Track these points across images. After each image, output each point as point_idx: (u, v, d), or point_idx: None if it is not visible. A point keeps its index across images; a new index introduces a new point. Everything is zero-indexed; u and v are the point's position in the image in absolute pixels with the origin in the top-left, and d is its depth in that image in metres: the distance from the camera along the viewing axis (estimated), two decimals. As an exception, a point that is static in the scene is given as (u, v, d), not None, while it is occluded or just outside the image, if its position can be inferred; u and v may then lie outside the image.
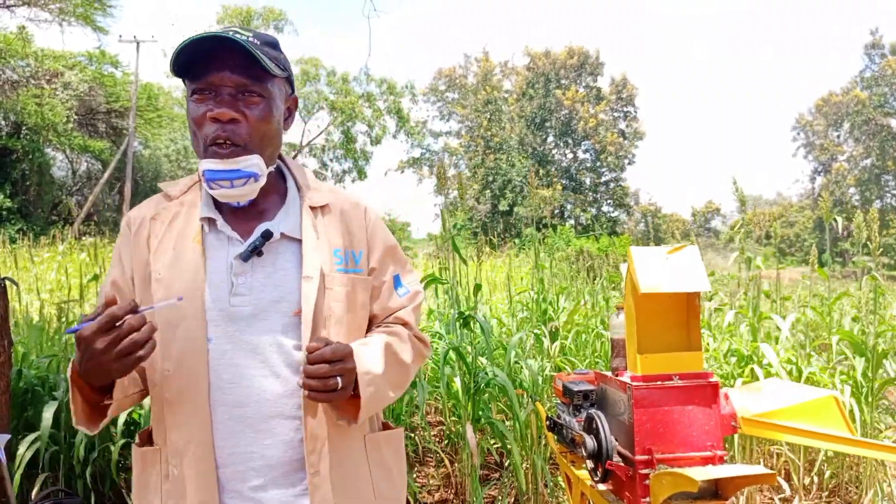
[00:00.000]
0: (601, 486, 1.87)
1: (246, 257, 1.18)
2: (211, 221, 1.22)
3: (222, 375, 1.15)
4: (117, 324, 0.98)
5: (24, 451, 2.69)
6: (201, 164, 1.17)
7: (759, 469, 1.48)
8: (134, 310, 0.99)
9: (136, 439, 1.27)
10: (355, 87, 29.83)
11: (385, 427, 1.38)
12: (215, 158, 1.15)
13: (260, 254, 1.18)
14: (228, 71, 1.14)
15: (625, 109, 40.02)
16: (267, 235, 1.19)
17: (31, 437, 2.75)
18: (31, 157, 21.78)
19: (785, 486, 3.26)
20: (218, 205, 1.24)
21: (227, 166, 1.15)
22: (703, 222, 48.01)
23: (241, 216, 1.24)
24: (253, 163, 1.17)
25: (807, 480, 3.36)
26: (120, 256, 1.25)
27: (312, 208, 1.27)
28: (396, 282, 1.37)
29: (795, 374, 3.23)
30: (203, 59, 1.14)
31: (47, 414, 2.75)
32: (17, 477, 2.62)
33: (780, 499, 3.29)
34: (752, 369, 3.14)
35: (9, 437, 2.40)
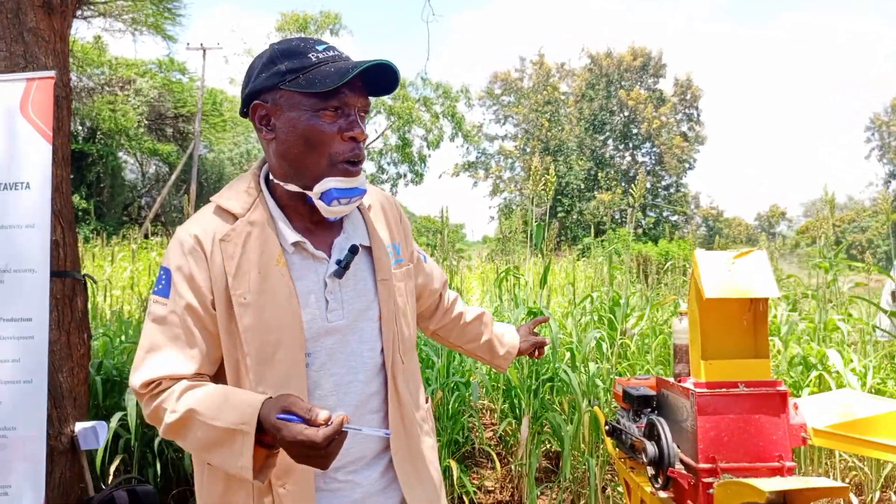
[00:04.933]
0: (662, 494, 1.85)
1: (339, 275, 1.22)
2: (297, 244, 1.22)
3: (322, 385, 1.21)
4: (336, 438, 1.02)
5: (108, 436, 2.83)
6: (326, 182, 1.17)
7: (832, 482, 1.44)
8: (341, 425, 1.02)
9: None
10: (411, 92, 30.13)
11: None
12: (345, 177, 1.18)
13: (347, 268, 1.23)
14: (359, 92, 1.19)
15: (687, 111, 39.08)
16: (354, 251, 1.24)
17: (113, 422, 2.89)
18: (104, 160, 22.82)
19: (855, 501, 3.12)
20: (290, 221, 1.24)
21: (353, 184, 1.19)
22: (768, 227, 46.36)
23: (317, 232, 1.26)
24: (364, 180, 1.23)
25: (878, 496, 3.21)
26: (191, 277, 1.18)
27: (366, 210, 1.35)
28: (422, 255, 1.55)
29: (862, 384, 3.11)
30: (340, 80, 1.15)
31: (130, 403, 2.88)
32: (98, 462, 2.76)
33: (850, 515, 3.16)
34: (820, 376, 3.03)
35: (105, 424, 2.55)
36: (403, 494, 1.28)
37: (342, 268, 1.22)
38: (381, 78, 1.20)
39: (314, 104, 1.16)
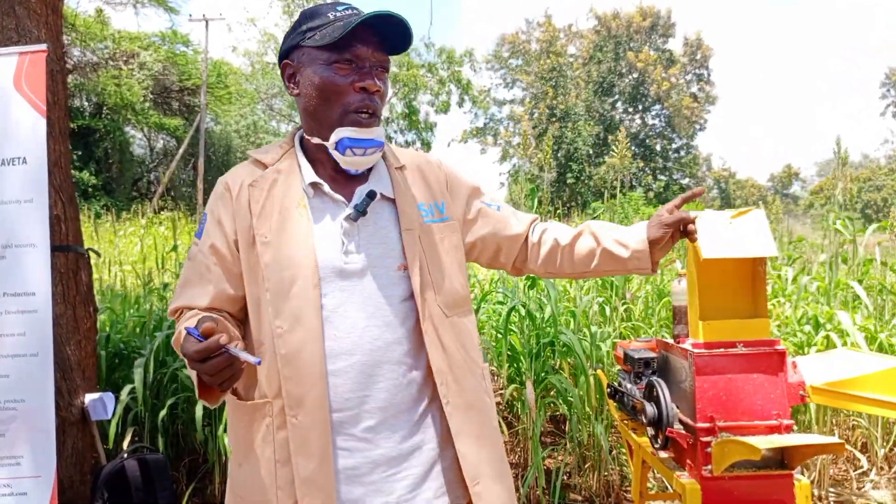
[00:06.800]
0: (662, 454, 1.86)
1: (355, 217, 1.26)
2: (315, 186, 1.29)
3: (338, 326, 1.23)
4: (212, 355, 1.04)
5: (119, 408, 2.88)
6: (338, 131, 1.25)
7: (827, 438, 1.44)
8: (222, 347, 1.04)
9: (232, 395, 1.31)
10: (414, 58, 29.72)
11: None
12: (356, 126, 1.25)
13: (365, 213, 1.27)
14: (373, 47, 1.25)
15: (697, 72, 38.39)
16: (371, 195, 1.27)
17: (123, 395, 2.94)
18: (112, 135, 22.83)
19: (862, 458, 3.14)
20: (317, 171, 1.32)
21: (365, 135, 1.26)
22: (781, 187, 45.86)
23: (340, 181, 1.32)
24: (382, 133, 1.30)
25: (885, 453, 3.23)
26: (219, 220, 1.29)
27: (395, 168, 1.38)
28: (492, 206, 1.49)
29: (870, 341, 3.10)
30: (349, 34, 1.22)
31: (138, 375, 2.93)
32: (111, 434, 2.81)
33: (857, 472, 3.18)
34: (827, 336, 3.02)
35: (112, 395, 2.60)
36: (457, 448, 1.26)
37: (359, 211, 1.26)
38: (395, 34, 1.26)
39: (328, 58, 1.25)
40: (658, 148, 37.41)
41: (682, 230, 1.38)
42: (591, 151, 34.08)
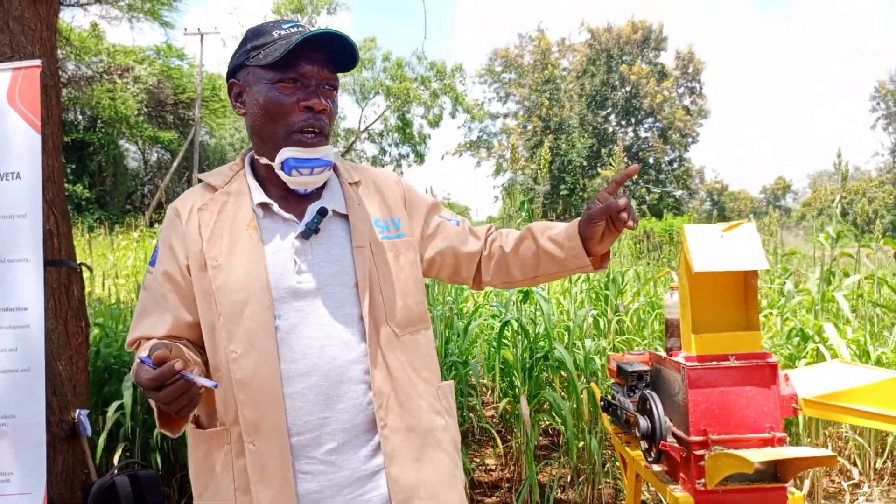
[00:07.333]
0: (655, 467, 1.86)
1: (307, 235, 1.24)
2: (265, 206, 1.27)
3: (293, 348, 1.20)
4: (167, 382, 1.02)
5: (108, 423, 2.86)
6: (283, 152, 1.22)
7: (819, 451, 1.44)
8: (177, 373, 1.02)
9: (192, 424, 1.28)
10: (407, 72, 29.92)
11: None
12: (299, 147, 1.23)
13: (317, 231, 1.24)
14: (319, 65, 1.24)
15: (689, 85, 38.71)
16: (323, 213, 1.25)
17: (110, 411, 2.92)
18: (106, 149, 22.84)
19: (854, 471, 3.14)
20: (267, 191, 1.29)
21: (310, 154, 1.23)
22: (773, 199, 46.13)
23: (291, 200, 1.29)
24: (330, 152, 1.27)
25: (878, 465, 3.23)
26: (171, 247, 1.27)
27: (349, 185, 1.35)
28: (451, 220, 1.46)
29: (861, 354, 3.11)
30: (293, 52, 1.20)
31: (127, 391, 2.91)
32: (100, 449, 2.79)
33: (849, 484, 3.18)
34: (816, 349, 3.03)
35: (87, 410, 2.58)
36: (385, 469, 1.21)
37: (311, 229, 1.24)
38: (341, 52, 1.25)
39: (272, 77, 1.23)
40: (651, 161, 37.59)
41: (613, 221, 1.26)
42: (584, 163, 34.25)
